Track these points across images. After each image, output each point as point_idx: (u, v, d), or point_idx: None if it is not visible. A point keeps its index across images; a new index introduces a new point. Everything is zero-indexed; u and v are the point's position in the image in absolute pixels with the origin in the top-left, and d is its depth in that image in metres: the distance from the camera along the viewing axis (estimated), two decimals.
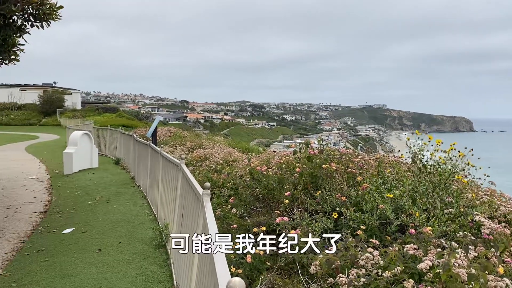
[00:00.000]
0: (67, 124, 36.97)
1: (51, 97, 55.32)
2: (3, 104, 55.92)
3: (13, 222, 8.26)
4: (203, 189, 3.54)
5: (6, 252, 6.46)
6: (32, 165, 16.80)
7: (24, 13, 6.76)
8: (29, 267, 5.72)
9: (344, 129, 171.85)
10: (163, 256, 5.86)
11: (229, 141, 21.00)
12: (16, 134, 35.84)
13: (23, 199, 10.40)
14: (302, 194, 5.27)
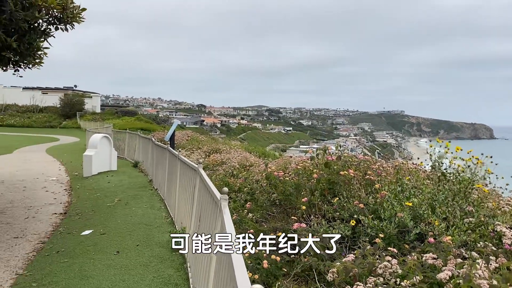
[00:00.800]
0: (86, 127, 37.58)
1: (72, 100, 56.34)
2: (26, 106, 57.21)
3: (33, 222, 8.43)
4: (221, 194, 3.56)
5: (26, 252, 6.60)
6: (53, 167, 17.12)
7: (49, 16, 6.92)
8: (49, 267, 5.82)
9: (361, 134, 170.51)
10: (180, 260, 5.90)
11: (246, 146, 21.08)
12: (38, 136, 36.59)
13: (44, 200, 10.61)
14: (320, 200, 5.26)
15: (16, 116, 54.01)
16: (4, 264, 6.03)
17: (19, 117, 53.94)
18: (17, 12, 5.65)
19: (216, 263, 3.39)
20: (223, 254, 2.84)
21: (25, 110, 56.42)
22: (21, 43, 6.75)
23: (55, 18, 6.82)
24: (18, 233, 7.67)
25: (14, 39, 6.45)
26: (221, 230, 3.18)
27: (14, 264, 6.03)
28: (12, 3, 5.55)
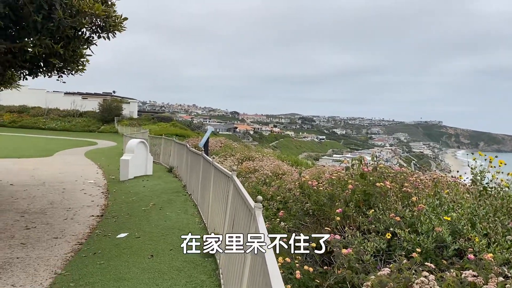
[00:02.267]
0: (124, 131, 38.63)
1: (110, 106, 58.10)
2: (66, 111, 59.44)
3: (72, 224, 8.71)
4: (255, 202, 3.57)
5: (65, 253, 6.82)
6: (91, 170, 17.67)
7: (92, 25, 7.19)
8: (86, 268, 5.99)
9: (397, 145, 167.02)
10: (212, 266, 5.94)
11: (278, 154, 21.04)
12: (77, 140, 37.92)
13: (82, 202, 10.95)
14: (354, 211, 5.17)
15: (58, 120, 56.22)
16: (44, 263, 6.26)
17: (60, 121, 56.11)
18: (65, 20, 5.90)
19: (249, 271, 3.39)
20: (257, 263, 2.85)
21: (65, 114, 58.64)
22: (66, 50, 7.05)
23: (98, 26, 7.09)
24: (58, 233, 7.94)
25: (61, 46, 6.74)
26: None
27: (54, 264, 6.25)
28: (61, 10, 5.80)
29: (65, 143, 33.90)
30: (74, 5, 5.96)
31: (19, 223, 8.52)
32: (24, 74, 9.62)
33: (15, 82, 11.63)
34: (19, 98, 52.01)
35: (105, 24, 6.85)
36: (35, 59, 7.70)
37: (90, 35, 7.37)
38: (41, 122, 54.86)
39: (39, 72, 8.85)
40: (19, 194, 11.61)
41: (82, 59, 7.99)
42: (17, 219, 8.87)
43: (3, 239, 7.41)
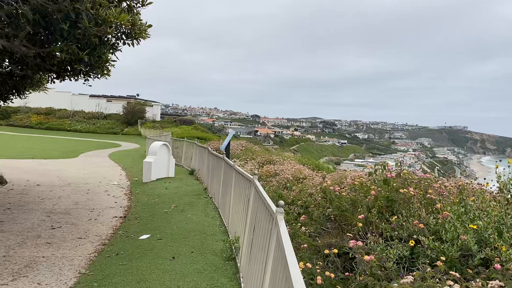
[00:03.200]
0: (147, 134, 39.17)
1: (134, 108, 59.05)
2: (91, 113, 60.69)
3: (95, 225, 8.87)
4: (277, 206, 3.57)
5: (89, 253, 6.95)
6: (114, 172, 17.97)
7: (118, 32, 7.34)
8: (109, 269, 6.09)
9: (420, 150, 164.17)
10: (233, 269, 5.96)
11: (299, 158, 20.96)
12: (101, 142, 38.62)
13: (105, 203, 11.14)
14: (377, 218, 5.11)
15: (83, 122, 57.44)
16: (69, 262, 6.40)
17: (85, 123, 57.32)
18: (90, 28, 6.05)
19: (271, 276, 3.39)
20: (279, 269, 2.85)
21: (90, 116, 59.87)
22: (91, 56, 7.21)
23: (123, 33, 7.23)
24: (82, 234, 8.10)
25: (86, 53, 6.90)
26: (277, 245, 3.18)
27: (78, 263, 6.37)
28: (87, 19, 5.94)
29: (89, 144, 34.60)
30: (101, 15, 6.09)
31: (45, 223, 8.73)
32: (51, 77, 9.88)
33: (43, 85, 11.95)
34: (46, 101, 53.30)
35: (130, 32, 6.99)
36: (62, 64, 7.90)
37: (115, 41, 7.53)
38: (66, 124, 56.15)
39: (66, 76, 9.08)
40: (46, 194, 11.90)
41: (107, 64, 8.16)
42: (43, 219, 9.09)
43: (30, 238, 7.61)
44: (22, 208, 9.97)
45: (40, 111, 59.21)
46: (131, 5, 7.38)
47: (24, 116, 57.48)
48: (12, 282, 5.52)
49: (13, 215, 9.27)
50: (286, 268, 2.39)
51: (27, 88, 11.59)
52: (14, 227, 8.30)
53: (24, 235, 7.76)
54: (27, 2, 5.81)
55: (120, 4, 7.21)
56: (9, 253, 6.69)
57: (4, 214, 9.32)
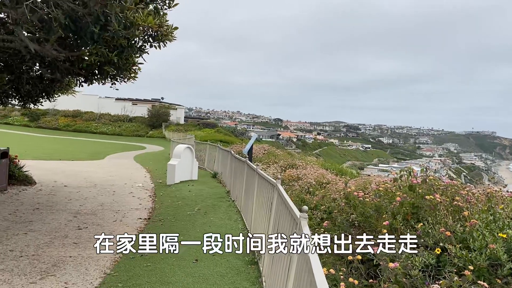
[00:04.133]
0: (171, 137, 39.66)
1: (158, 112, 59.91)
2: (117, 116, 61.86)
3: (120, 226, 9.02)
4: (300, 212, 3.56)
5: (114, 254, 7.07)
6: (139, 174, 18.26)
7: (145, 34, 7.47)
8: (133, 270, 6.19)
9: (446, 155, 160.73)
10: (255, 273, 5.96)
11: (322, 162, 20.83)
12: (127, 144, 39.30)
13: (130, 205, 11.33)
14: (402, 224, 5.03)
15: (109, 125, 58.61)
16: (94, 263, 6.52)
17: (111, 125, 58.46)
18: (119, 31, 6.19)
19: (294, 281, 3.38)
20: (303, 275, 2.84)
21: (116, 119, 61.03)
22: (120, 59, 7.37)
23: (150, 36, 7.36)
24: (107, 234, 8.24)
25: (115, 54, 7.06)
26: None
27: (103, 264, 6.49)
28: (116, 23, 6.08)
29: (115, 147, 35.26)
30: (129, 17, 6.22)
31: (72, 223, 8.94)
32: (80, 81, 10.13)
33: (71, 88, 12.26)
34: (73, 103, 54.61)
35: (157, 34, 7.11)
36: (91, 67, 8.09)
37: (142, 44, 7.67)
38: (93, 126, 57.41)
39: (94, 79, 9.30)
40: (73, 195, 12.18)
41: (134, 67, 8.33)
42: (70, 219, 9.30)
43: (58, 238, 7.80)
44: (50, 209, 10.23)
45: (67, 113, 60.70)
46: (158, 7, 7.50)
47: (53, 118, 59.05)
48: (40, 281, 5.67)
49: (41, 215, 9.53)
50: (311, 273, 2.39)
51: (56, 91, 11.92)
52: (43, 226, 8.53)
53: (52, 235, 7.96)
54: (59, 7, 5.97)
55: (147, 6, 7.34)
56: (38, 252, 6.88)
57: (33, 214, 9.59)
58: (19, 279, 5.68)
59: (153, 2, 7.13)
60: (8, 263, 6.31)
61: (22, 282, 5.59)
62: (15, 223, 8.70)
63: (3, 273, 5.89)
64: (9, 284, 5.50)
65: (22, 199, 11.13)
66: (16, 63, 9.39)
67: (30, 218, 9.18)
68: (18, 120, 58.43)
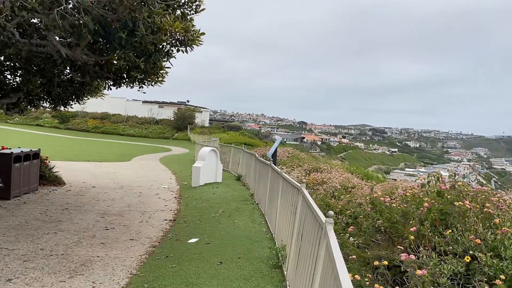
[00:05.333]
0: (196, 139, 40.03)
1: (184, 114, 60.59)
2: (144, 118, 62.88)
3: (146, 227, 9.16)
4: (326, 217, 3.54)
5: (140, 254, 7.18)
6: (165, 175, 18.50)
7: (172, 39, 7.59)
8: (158, 271, 6.27)
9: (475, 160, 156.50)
10: (279, 277, 5.94)
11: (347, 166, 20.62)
12: (153, 146, 39.90)
13: (156, 206, 11.49)
14: (430, 231, 4.93)
15: (136, 127, 59.63)
16: (121, 263, 6.64)
17: (137, 127, 59.46)
18: (147, 36, 6.31)
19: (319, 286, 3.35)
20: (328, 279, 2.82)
21: (143, 121, 62.05)
22: (147, 63, 7.50)
23: (177, 40, 7.47)
24: (134, 235, 8.39)
25: (142, 60, 7.20)
26: (327, 255, 3.15)
27: (129, 264, 6.60)
28: (144, 28, 6.20)
29: (142, 148, 35.83)
30: (156, 22, 6.33)
31: (99, 224, 9.13)
32: (108, 84, 10.36)
33: (100, 91, 12.54)
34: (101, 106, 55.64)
35: (184, 39, 7.21)
36: (119, 71, 8.27)
37: (169, 48, 7.79)
38: (120, 129, 58.51)
39: (122, 83, 9.50)
40: (100, 196, 12.45)
41: (161, 71, 8.46)
42: (98, 219, 9.51)
43: (86, 238, 7.98)
44: (79, 209, 10.48)
45: (96, 115, 62.06)
46: (185, 12, 7.61)
47: (81, 121, 60.47)
48: (69, 280, 5.81)
49: (70, 215, 9.77)
50: (337, 279, 2.37)
51: (86, 94, 12.22)
52: (71, 226, 8.75)
53: (80, 235, 8.15)
54: (88, 13, 6.13)
55: (175, 11, 7.45)
56: (67, 252, 7.05)
57: (62, 214, 9.84)
58: (49, 277, 5.84)
59: (180, 8, 7.23)
60: (39, 261, 6.49)
61: (52, 280, 5.74)
62: (46, 222, 8.95)
63: (34, 271, 6.07)
64: (40, 282, 5.66)
65: (52, 199, 11.44)
66: (48, 67, 9.68)
67: (59, 217, 9.43)
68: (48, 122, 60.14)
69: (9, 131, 43.66)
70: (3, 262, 6.35)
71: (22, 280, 5.69)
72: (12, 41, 7.49)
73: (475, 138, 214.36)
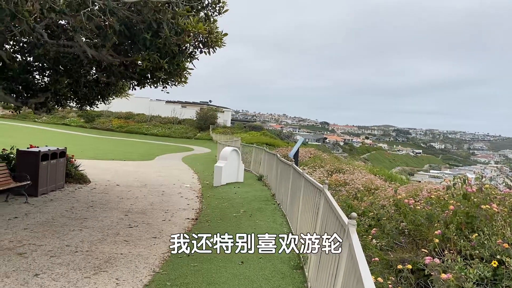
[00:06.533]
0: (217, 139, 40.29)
1: (206, 114, 61.10)
2: (167, 118, 63.68)
3: (169, 225, 9.26)
4: (349, 218, 3.50)
5: (163, 252, 7.27)
6: (187, 175, 18.67)
7: (195, 41, 7.65)
8: (181, 269, 6.33)
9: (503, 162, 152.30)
10: (301, 278, 5.92)
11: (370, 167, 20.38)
12: (176, 146, 40.34)
13: (178, 205, 11.60)
14: (455, 234, 4.83)
15: (159, 127, 60.43)
16: (144, 260, 6.74)
17: (161, 127, 60.25)
18: (170, 37, 6.38)
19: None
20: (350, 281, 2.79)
21: (166, 121, 62.85)
22: (171, 65, 7.58)
23: (200, 42, 7.53)
24: (156, 233, 8.50)
25: (166, 61, 7.28)
26: (349, 257, 3.12)
27: (152, 262, 6.69)
28: (168, 29, 6.28)
29: (164, 148, 36.27)
30: (180, 24, 6.40)
31: (123, 222, 9.28)
32: (133, 84, 10.53)
33: (125, 91, 12.75)
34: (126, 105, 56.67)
35: (207, 40, 7.26)
36: (144, 72, 8.38)
37: (193, 50, 7.86)
38: (144, 128, 59.40)
39: (146, 83, 9.63)
40: (124, 194, 12.66)
41: (184, 72, 8.55)
42: (122, 217, 9.67)
43: (110, 235, 8.13)
44: (103, 207, 10.68)
45: (120, 115, 63.16)
46: (208, 13, 7.66)
47: (106, 120, 61.64)
48: (94, 276, 5.93)
49: (95, 212, 9.97)
50: (360, 282, 2.34)
51: (111, 94, 12.44)
52: (96, 224, 8.92)
53: (104, 232, 8.31)
54: (114, 14, 6.25)
55: (198, 13, 7.52)
56: (91, 248, 7.20)
57: (87, 211, 10.05)
58: (75, 273, 5.98)
59: (203, 9, 7.29)
60: (65, 257, 6.65)
61: (77, 276, 5.87)
62: (71, 219, 9.16)
63: (60, 266, 6.21)
64: (65, 278, 5.79)
65: (78, 197, 11.70)
66: (74, 67, 9.90)
67: (84, 215, 9.63)
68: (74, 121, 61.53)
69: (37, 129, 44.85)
70: (31, 257, 6.53)
71: (49, 276, 5.83)
72: (41, 42, 7.70)
73: (503, 139, 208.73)
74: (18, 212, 9.41)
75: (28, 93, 10.33)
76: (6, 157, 11.82)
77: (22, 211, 9.58)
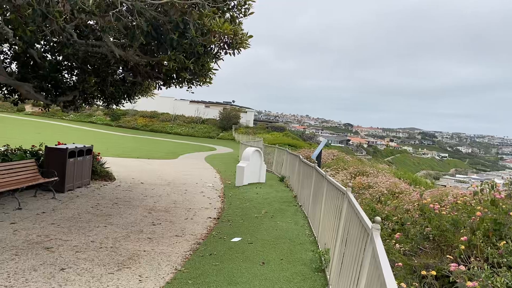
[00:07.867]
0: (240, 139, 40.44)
1: (229, 114, 61.44)
2: (191, 117, 64.33)
3: (191, 224, 9.35)
4: (373, 222, 3.47)
5: (185, 251, 7.35)
6: (209, 174, 18.81)
7: (220, 42, 7.71)
8: (202, 268, 6.39)
9: None
10: (322, 281, 5.88)
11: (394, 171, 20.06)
12: (198, 145, 40.69)
13: (201, 204, 11.70)
14: (482, 241, 4.70)
15: (183, 126, 61.11)
16: (166, 258, 6.82)
17: (184, 126, 60.91)
18: (196, 38, 6.45)
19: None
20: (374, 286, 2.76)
21: (190, 121, 63.51)
22: (196, 65, 7.68)
23: (225, 43, 7.59)
24: (179, 232, 8.60)
25: (191, 61, 7.36)
26: (372, 262, 3.09)
27: (174, 260, 6.77)
28: (194, 29, 6.35)
29: (188, 147, 36.64)
30: (206, 24, 6.46)
31: (147, 219, 9.43)
32: (159, 84, 10.69)
33: (150, 91, 12.95)
34: (151, 105, 57.56)
35: (232, 41, 7.31)
36: (169, 72, 8.50)
37: (218, 51, 7.93)
38: (168, 127, 60.17)
39: (171, 83, 9.76)
40: (148, 192, 12.85)
41: (209, 72, 8.63)
42: (145, 215, 9.82)
43: (134, 232, 8.27)
44: (128, 204, 10.87)
45: (145, 114, 64.15)
46: (234, 15, 7.71)
47: (132, 119, 62.70)
48: (117, 272, 6.04)
49: (119, 209, 10.15)
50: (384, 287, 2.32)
51: (137, 93, 12.67)
52: (120, 220, 9.09)
53: (128, 229, 8.45)
54: (142, 15, 6.35)
55: (224, 14, 7.57)
56: (115, 245, 7.33)
57: (112, 208, 10.25)
58: (99, 269, 6.10)
59: (229, 11, 7.33)
60: (89, 253, 6.80)
61: (102, 272, 5.99)
62: (96, 216, 9.35)
63: (85, 262, 6.36)
64: (90, 273, 5.92)
65: (103, 194, 11.94)
66: (102, 67, 10.12)
67: (109, 212, 9.82)
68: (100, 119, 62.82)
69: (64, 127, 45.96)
70: (57, 252, 6.71)
71: (74, 270, 5.97)
72: (70, 41, 7.89)
73: None
74: (45, 208, 9.68)
75: (57, 91, 10.61)
76: (35, 154, 12.16)
77: (49, 206, 9.84)
